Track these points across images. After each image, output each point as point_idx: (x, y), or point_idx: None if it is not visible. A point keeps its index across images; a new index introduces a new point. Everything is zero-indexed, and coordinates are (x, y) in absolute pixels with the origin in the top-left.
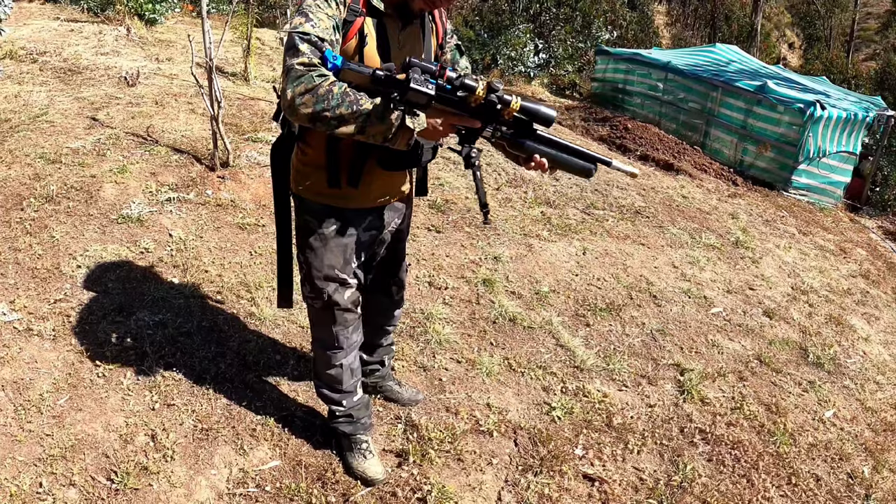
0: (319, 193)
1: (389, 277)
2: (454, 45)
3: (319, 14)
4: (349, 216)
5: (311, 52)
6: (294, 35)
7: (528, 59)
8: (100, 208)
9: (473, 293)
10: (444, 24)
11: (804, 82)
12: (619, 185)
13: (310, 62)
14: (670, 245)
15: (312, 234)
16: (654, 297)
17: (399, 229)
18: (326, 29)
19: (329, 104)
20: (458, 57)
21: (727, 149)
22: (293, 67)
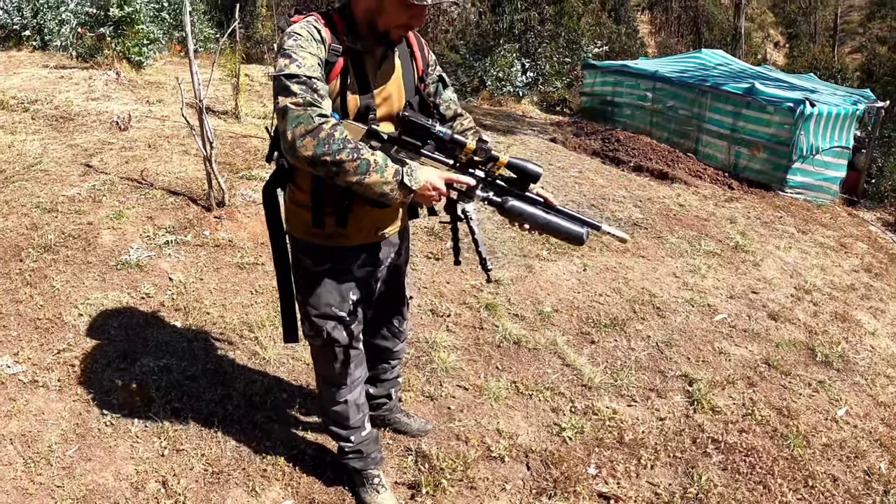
0: (310, 233)
1: (391, 311)
2: (437, 77)
3: (303, 53)
4: (342, 254)
5: (303, 91)
6: (282, 77)
7: (516, 79)
8: (98, 255)
9: (476, 318)
10: (425, 56)
11: (791, 81)
12: (616, 199)
13: (305, 101)
14: (670, 255)
15: (307, 273)
16: (657, 308)
17: (396, 264)
18: (312, 66)
19: (330, 148)
20: (441, 89)
21: (720, 153)
22: (288, 108)
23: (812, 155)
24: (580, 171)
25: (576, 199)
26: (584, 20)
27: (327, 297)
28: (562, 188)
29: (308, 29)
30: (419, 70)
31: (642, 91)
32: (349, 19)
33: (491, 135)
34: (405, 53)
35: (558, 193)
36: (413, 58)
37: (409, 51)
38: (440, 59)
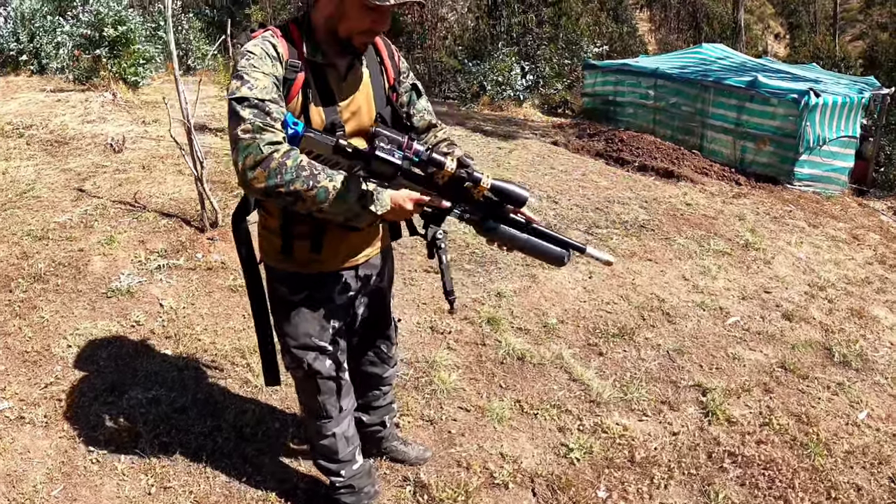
0: (283, 260)
1: (377, 336)
2: (410, 86)
3: (255, 74)
4: (320, 281)
5: (254, 116)
6: (232, 102)
7: (516, 83)
8: (88, 283)
9: (478, 334)
10: (396, 64)
11: (794, 72)
12: (621, 201)
13: (255, 128)
14: (679, 257)
15: (284, 302)
16: (667, 314)
17: (379, 287)
18: (265, 88)
19: (283, 178)
20: (415, 98)
21: (726, 148)
22: (238, 137)
23: (819, 146)
24: (583, 173)
25: (580, 202)
26: (582, 20)
27: (306, 326)
28: (565, 192)
29: (262, 46)
30: (390, 79)
31: (644, 89)
32: (308, 30)
33: (491, 140)
34: (374, 62)
35: (561, 198)
36: (383, 66)
37: (378, 59)
38: (439, 65)
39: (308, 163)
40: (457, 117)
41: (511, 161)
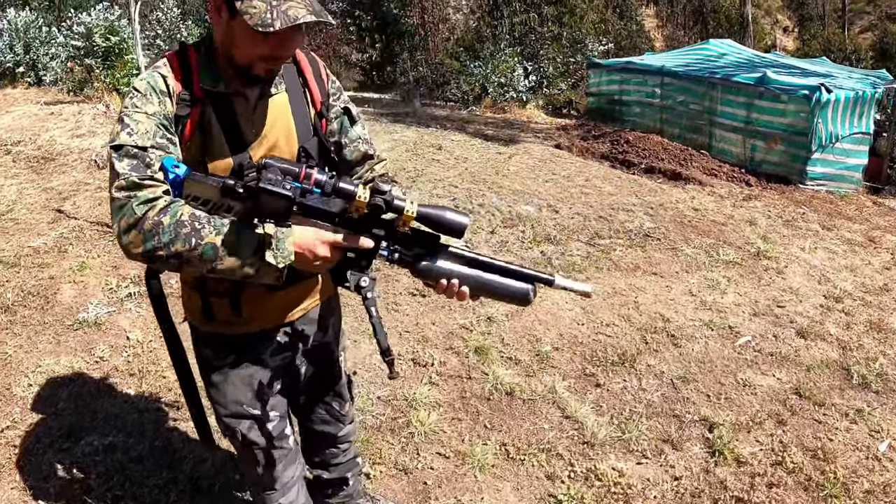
0: (207, 321)
1: (326, 394)
2: (341, 110)
3: (136, 116)
4: (247, 342)
5: (130, 168)
6: (111, 150)
7: (519, 83)
8: (56, 314)
9: (464, 366)
10: (324, 85)
11: (804, 66)
12: (625, 208)
13: (129, 184)
14: (686, 269)
15: (210, 366)
16: (671, 336)
17: (323, 342)
18: (147, 132)
19: (160, 240)
20: (347, 125)
21: (735, 147)
22: (112, 196)
23: (832, 143)
24: (587, 178)
25: (582, 211)
26: (587, 18)
27: (236, 393)
28: (566, 200)
29: (150, 80)
30: (316, 104)
31: (650, 87)
32: (208, 55)
33: (491, 145)
34: (295, 85)
35: (562, 206)
36: (307, 89)
37: (301, 80)
38: (440, 68)
39: (190, 217)
40: (457, 121)
41: (511, 167)
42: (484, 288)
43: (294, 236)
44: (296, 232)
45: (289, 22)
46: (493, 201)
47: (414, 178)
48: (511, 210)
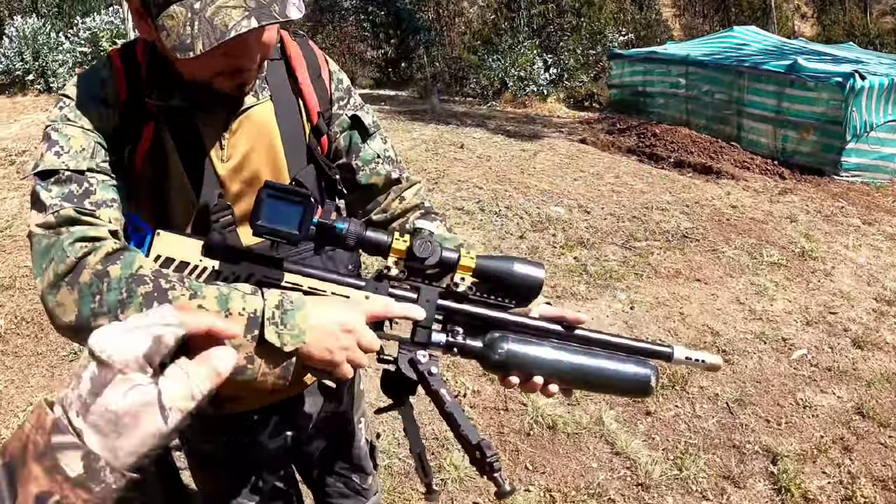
0: None
1: (343, 467)
2: (348, 119)
3: (69, 130)
4: (240, 424)
5: (60, 198)
6: (34, 177)
7: (539, 77)
8: (50, 343)
9: (500, 395)
10: (325, 86)
11: (834, 52)
12: (660, 206)
13: (61, 218)
14: (730, 273)
15: (196, 452)
16: (723, 351)
17: (338, 412)
18: (84, 151)
19: (104, 301)
20: (358, 140)
21: (765, 138)
22: (32, 234)
23: (866, 132)
24: (616, 175)
25: (615, 211)
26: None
27: (228, 486)
28: (597, 199)
29: (86, 85)
30: (313, 115)
31: (674, 77)
32: (158, 57)
33: (514, 142)
34: (284, 91)
35: (594, 206)
36: (300, 98)
37: (293, 82)
38: (458, 62)
39: (153, 272)
40: (477, 117)
41: (536, 165)
42: (589, 378)
43: (314, 307)
44: (316, 301)
45: (214, 39)
46: (521, 203)
47: (436, 179)
48: (540, 212)
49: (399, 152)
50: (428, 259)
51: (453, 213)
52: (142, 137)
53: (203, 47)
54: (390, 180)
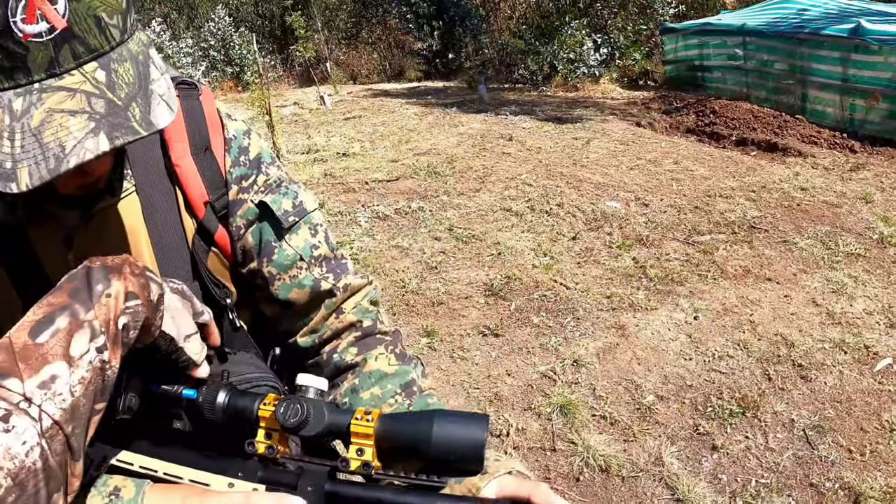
0: None
1: None
2: (255, 208)
3: None
4: None
5: None
6: None
7: (590, 58)
8: None
9: (546, 433)
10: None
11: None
12: (723, 193)
13: None
14: (804, 269)
15: None
16: (798, 366)
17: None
18: None
19: None
20: (271, 238)
21: (831, 108)
22: None
23: None
24: (675, 161)
25: (675, 202)
26: None
27: None
28: (656, 190)
29: None
30: (197, 209)
31: (731, 49)
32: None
33: (566, 130)
34: (154, 180)
35: (652, 198)
36: (182, 190)
37: (168, 166)
38: (505, 48)
39: None
40: (527, 105)
41: (589, 155)
42: None
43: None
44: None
45: (46, 170)
46: (574, 199)
47: (482, 177)
48: (594, 208)
49: (444, 149)
50: (302, 429)
51: (501, 215)
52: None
53: (30, 181)
54: (319, 293)
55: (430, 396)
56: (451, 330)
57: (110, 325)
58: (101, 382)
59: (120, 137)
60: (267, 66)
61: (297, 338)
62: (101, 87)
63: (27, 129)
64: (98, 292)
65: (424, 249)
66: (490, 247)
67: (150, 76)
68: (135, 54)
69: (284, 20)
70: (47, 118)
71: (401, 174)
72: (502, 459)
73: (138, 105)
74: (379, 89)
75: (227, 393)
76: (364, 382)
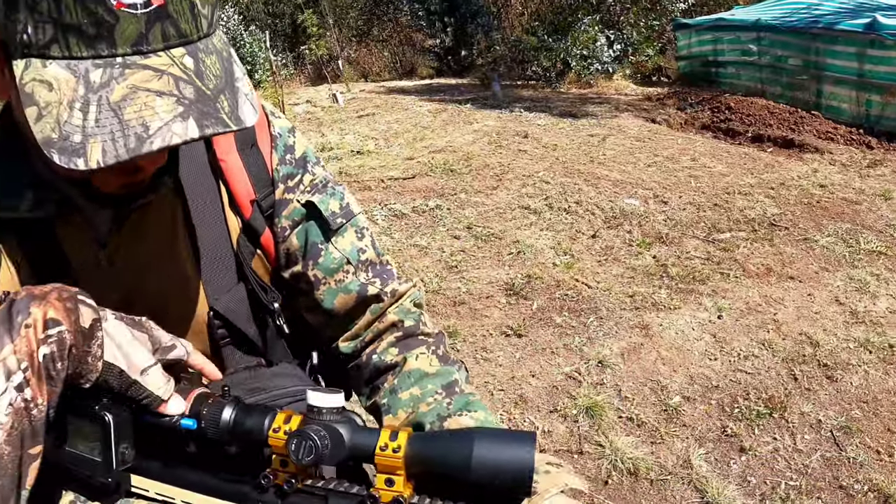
0: None
1: None
2: (301, 208)
3: None
4: None
5: None
6: None
7: (603, 54)
8: None
9: (573, 436)
10: (263, 160)
11: None
12: (742, 190)
13: None
14: (826, 267)
15: None
16: (824, 366)
17: None
18: None
19: None
20: (318, 239)
21: (847, 104)
22: None
23: None
24: (693, 157)
25: (694, 199)
26: None
27: None
28: (674, 187)
29: None
30: (243, 208)
31: (745, 45)
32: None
33: (582, 126)
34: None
35: (671, 195)
36: (222, 181)
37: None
38: (516, 45)
39: None
40: (541, 101)
41: (606, 151)
42: None
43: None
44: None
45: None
46: (592, 197)
47: (499, 174)
48: (613, 206)
49: (460, 146)
50: (320, 463)
51: (519, 213)
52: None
53: (103, 159)
54: (366, 297)
55: (472, 396)
56: (473, 330)
57: (33, 358)
58: (27, 424)
59: (210, 127)
60: (278, 64)
61: (339, 343)
62: (189, 74)
63: (105, 102)
64: (17, 324)
65: (444, 248)
66: (509, 245)
67: (235, 74)
68: (219, 49)
69: (295, 18)
70: (130, 94)
71: (417, 172)
72: (552, 472)
73: (226, 98)
74: (391, 87)
75: (233, 411)
76: (403, 382)
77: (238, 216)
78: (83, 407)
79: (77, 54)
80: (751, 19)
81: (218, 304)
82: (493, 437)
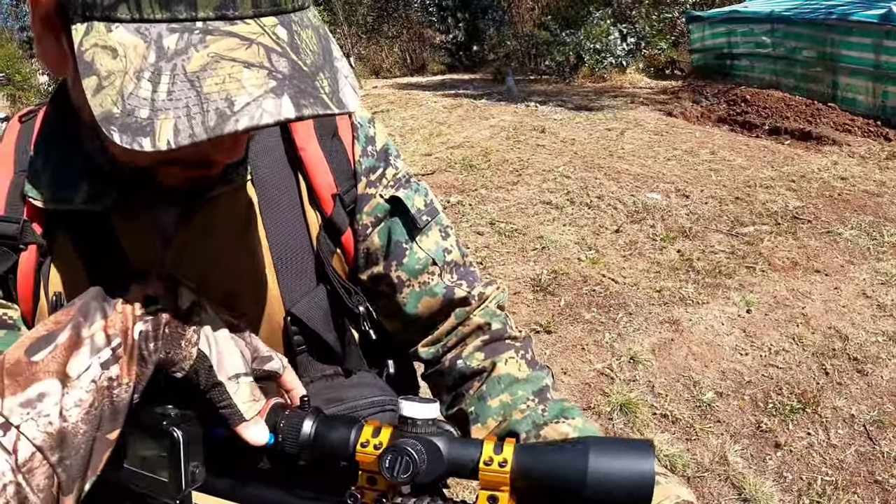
0: None
1: None
2: (385, 203)
3: None
4: None
5: None
6: None
7: (616, 48)
8: None
9: (608, 433)
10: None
11: None
12: (763, 184)
13: None
14: (851, 260)
15: None
16: (854, 360)
17: None
18: None
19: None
20: (402, 238)
21: (863, 96)
22: None
23: None
24: (712, 151)
25: (715, 193)
26: None
27: None
28: (695, 181)
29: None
30: (324, 203)
31: (759, 37)
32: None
33: (598, 120)
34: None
35: (693, 189)
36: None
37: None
38: (529, 40)
39: None
40: (555, 96)
41: (625, 145)
42: None
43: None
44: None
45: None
46: (614, 191)
47: (519, 170)
48: (635, 200)
49: (477, 142)
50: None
51: (542, 208)
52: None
53: (175, 138)
54: (452, 301)
55: (566, 402)
56: None
57: (127, 336)
58: (108, 405)
59: (308, 108)
60: None
61: (419, 348)
62: (282, 45)
63: (180, 71)
64: (114, 301)
65: (468, 244)
66: (533, 241)
67: (333, 53)
68: (316, 25)
69: None
70: (212, 63)
71: (436, 168)
72: (661, 482)
73: (326, 78)
74: (404, 83)
75: (314, 423)
76: (493, 389)
77: (318, 211)
78: (148, 420)
79: (149, 16)
80: (764, 11)
81: (296, 309)
82: (608, 447)
